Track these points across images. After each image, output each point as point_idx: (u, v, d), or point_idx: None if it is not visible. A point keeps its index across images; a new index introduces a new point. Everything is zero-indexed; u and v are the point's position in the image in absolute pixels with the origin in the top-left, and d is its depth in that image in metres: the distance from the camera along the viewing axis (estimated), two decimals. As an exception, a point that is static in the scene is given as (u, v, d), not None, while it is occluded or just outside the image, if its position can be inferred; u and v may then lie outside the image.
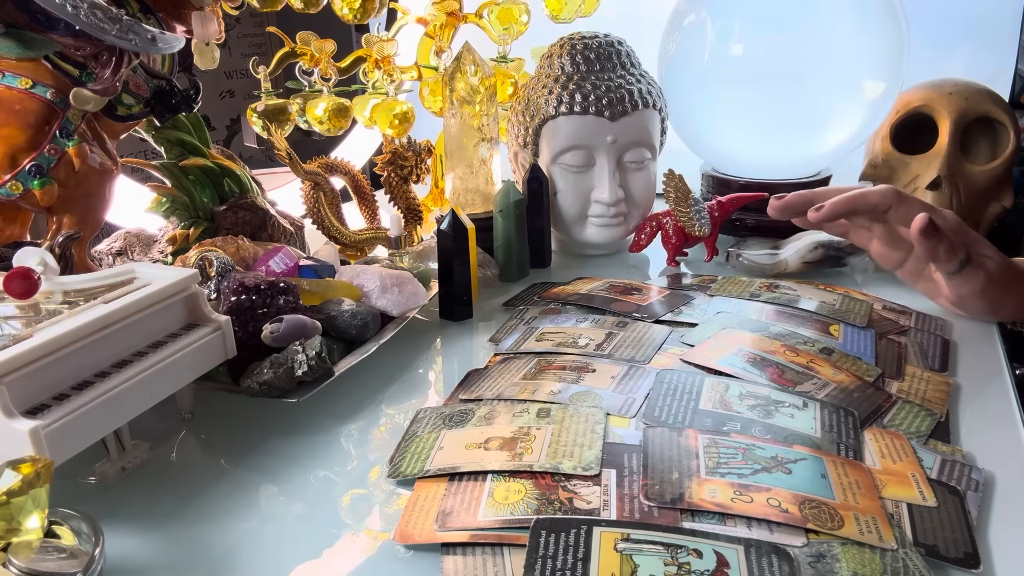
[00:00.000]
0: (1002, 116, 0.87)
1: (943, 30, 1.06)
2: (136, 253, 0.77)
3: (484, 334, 0.70)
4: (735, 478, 0.44)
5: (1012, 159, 0.88)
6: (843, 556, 0.39)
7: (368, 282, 0.67)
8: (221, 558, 0.43)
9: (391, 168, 0.85)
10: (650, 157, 0.86)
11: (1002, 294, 0.64)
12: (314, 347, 0.55)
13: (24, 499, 0.36)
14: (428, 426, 0.53)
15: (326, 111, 0.90)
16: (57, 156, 0.61)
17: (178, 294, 0.52)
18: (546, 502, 0.43)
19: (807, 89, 0.84)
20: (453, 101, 0.84)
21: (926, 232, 0.59)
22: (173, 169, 0.74)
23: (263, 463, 0.52)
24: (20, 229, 0.68)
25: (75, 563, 0.37)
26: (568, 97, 0.82)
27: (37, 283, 0.46)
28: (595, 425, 0.50)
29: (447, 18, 0.94)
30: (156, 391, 0.49)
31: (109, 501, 0.47)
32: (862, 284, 0.79)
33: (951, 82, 0.89)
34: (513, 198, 0.80)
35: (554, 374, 0.58)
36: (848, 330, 0.65)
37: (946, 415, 0.53)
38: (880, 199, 0.63)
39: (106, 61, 0.62)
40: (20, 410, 0.41)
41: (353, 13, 0.85)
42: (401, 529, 0.43)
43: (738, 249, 0.84)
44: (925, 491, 0.44)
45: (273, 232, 0.79)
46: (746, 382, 0.56)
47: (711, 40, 0.87)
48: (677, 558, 0.39)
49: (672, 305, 0.71)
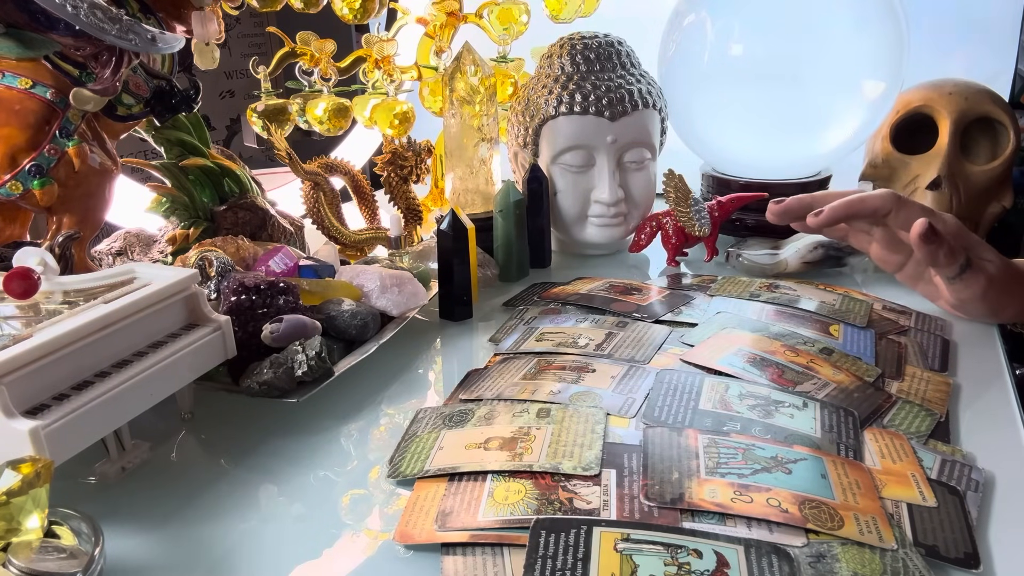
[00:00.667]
0: (1002, 116, 0.87)
1: (943, 30, 1.06)
2: (136, 253, 0.77)
3: (484, 334, 0.70)
4: (735, 478, 0.44)
5: (1012, 159, 0.88)
6: (843, 556, 0.39)
7: (368, 282, 0.67)
8: (221, 558, 0.43)
9: (391, 168, 0.85)
10: (650, 157, 0.86)
11: (1002, 297, 0.64)
12: (314, 347, 0.55)
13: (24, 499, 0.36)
14: (428, 426, 0.53)
15: (326, 111, 0.90)
16: (57, 156, 0.61)
17: (178, 294, 0.52)
18: (546, 502, 0.43)
19: (807, 89, 0.84)
20: (453, 101, 0.84)
21: (926, 237, 0.59)
22: (173, 169, 0.74)
23: (263, 463, 0.52)
24: (20, 229, 0.68)
25: (75, 563, 0.37)
26: (568, 97, 0.82)
27: (37, 283, 0.46)
28: (595, 425, 0.50)
29: (447, 18, 0.94)
30: (156, 391, 0.49)
31: (109, 501, 0.47)
32: (862, 284, 0.79)
33: (951, 82, 0.89)
34: (513, 198, 0.80)
35: (554, 374, 0.58)
36: (848, 330, 0.65)
37: (946, 415, 0.53)
38: (880, 204, 0.63)
39: (106, 61, 0.62)
40: (20, 410, 0.41)
41: (353, 13, 0.85)
42: (401, 529, 0.43)
43: (738, 249, 0.84)
44: (925, 491, 0.44)
45: (273, 232, 0.79)
46: (746, 382, 0.56)
47: (711, 40, 0.87)
48: (677, 558, 0.39)
49: (672, 305, 0.71)
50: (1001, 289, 0.63)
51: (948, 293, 0.65)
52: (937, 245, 0.60)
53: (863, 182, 0.95)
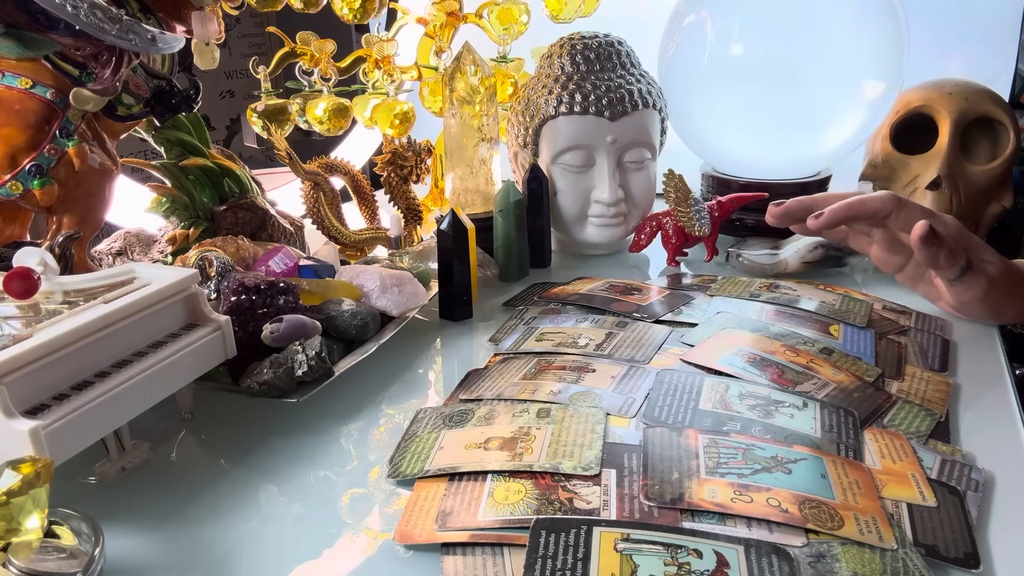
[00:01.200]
0: (1002, 116, 0.87)
1: (943, 30, 1.06)
2: (136, 253, 0.77)
3: (484, 334, 0.70)
4: (735, 478, 0.44)
5: (1012, 159, 0.87)
6: (843, 556, 0.39)
7: (368, 282, 0.67)
8: (221, 558, 0.43)
9: (391, 168, 0.85)
10: (650, 157, 0.86)
11: (1003, 299, 0.64)
12: (314, 347, 0.55)
13: (24, 499, 0.36)
14: (428, 426, 0.53)
15: (326, 111, 0.90)
16: (57, 156, 0.61)
17: (178, 294, 0.52)
18: (546, 502, 0.43)
19: (807, 89, 0.84)
20: (453, 101, 0.84)
21: (926, 240, 0.59)
22: (173, 169, 0.74)
23: (263, 463, 0.52)
24: (20, 229, 0.68)
25: (75, 563, 0.37)
26: (568, 97, 0.82)
27: (37, 283, 0.46)
28: (595, 425, 0.50)
29: (447, 18, 0.94)
30: (156, 391, 0.49)
31: (109, 501, 0.47)
32: (862, 284, 0.79)
33: (951, 82, 0.89)
34: (513, 198, 0.80)
35: (554, 374, 0.58)
36: (848, 330, 0.65)
37: (946, 415, 0.53)
38: (880, 206, 0.63)
39: (106, 61, 0.62)
40: (20, 410, 0.41)
41: (353, 13, 0.85)
42: (401, 529, 0.43)
43: (738, 249, 0.84)
44: (925, 491, 0.44)
45: (273, 232, 0.79)
46: (746, 382, 0.56)
47: (711, 40, 0.87)
48: (677, 558, 0.39)
49: (672, 305, 0.71)
50: (1002, 291, 0.63)
51: (948, 295, 0.65)
52: (937, 247, 0.60)
53: (863, 182, 0.95)
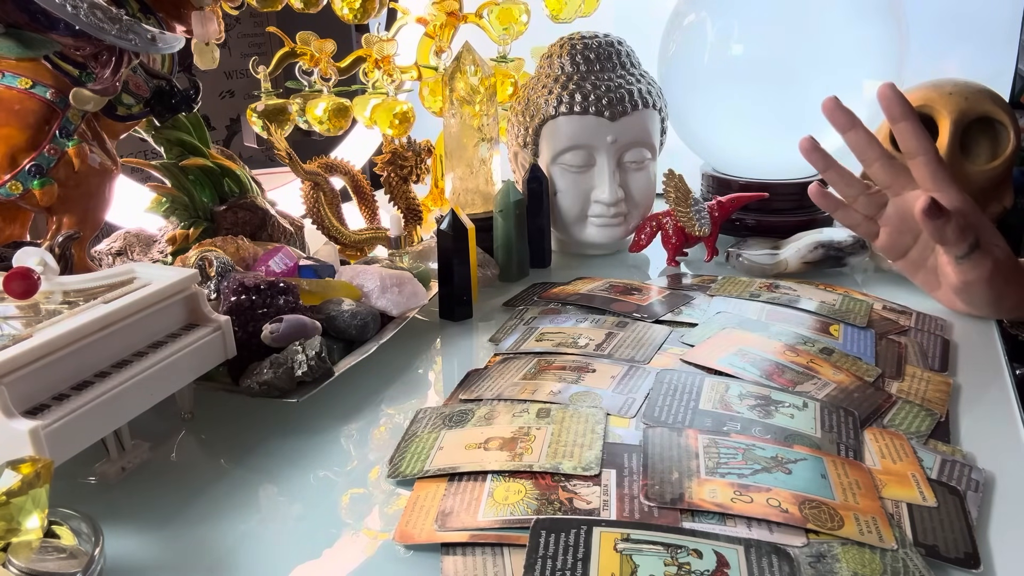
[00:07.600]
0: (1002, 116, 0.87)
1: (943, 30, 1.06)
2: (136, 253, 0.77)
3: (484, 334, 0.70)
4: (735, 478, 0.44)
5: (1012, 159, 0.87)
6: (843, 556, 0.39)
7: (368, 282, 0.67)
8: (221, 558, 0.43)
9: (391, 168, 0.85)
10: (650, 157, 0.86)
11: (1006, 285, 0.64)
12: (314, 347, 0.55)
13: (24, 499, 0.36)
14: (428, 426, 0.53)
15: (326, 111, 0.90)
16: (57, 156, 0.61)
17: (178, 294, 0.52)
18: (546, 502, 0.43)
19: (807, 89, 0.83)
20: (453, 101, 0.84)
21: (929, 212, 0.59)
22: (173, 169, 0.74)
23: (263, 463, 0.52)
24: (20, 229, 0.68)
25: (75, 563, 0.37)
26: (568, 97, 0.82)
27: (37, 283, 0.46)
28: (595, 425, 0.50)
29: (447, 18, 0.94)
30: (156, 391, 0.48)
31: (109, 501, 0.47)
32: (862, 284, 0.79)
33: (951, 82, 0.89)
34: (513, 198, 0.80)
35: (554, 374, 0.58)
36: (848, 330, 0.65)
37: (946, 415, 0.53)
38: (917, 144, 0.64)
39: (106, 61, 0.62)
40: (20, 410, 0.41)
41: (353, 13, 0.85)
42: (401, 529, 0.43)
43: (738, 249, 0.84)
44: (925, 491, 0.44)
45: (273, 232, 0.79)
46: (746, 382, 0.56)
47: (711, 40, 0.87)
48: (677, 558, 0.39)
49: (672, 305, 0.71)
50: (1006, 277, 0.64)
51: (954, 274, 0.65)
52: (944, 220, 0.59)
53: (863, 182, 0.95)
